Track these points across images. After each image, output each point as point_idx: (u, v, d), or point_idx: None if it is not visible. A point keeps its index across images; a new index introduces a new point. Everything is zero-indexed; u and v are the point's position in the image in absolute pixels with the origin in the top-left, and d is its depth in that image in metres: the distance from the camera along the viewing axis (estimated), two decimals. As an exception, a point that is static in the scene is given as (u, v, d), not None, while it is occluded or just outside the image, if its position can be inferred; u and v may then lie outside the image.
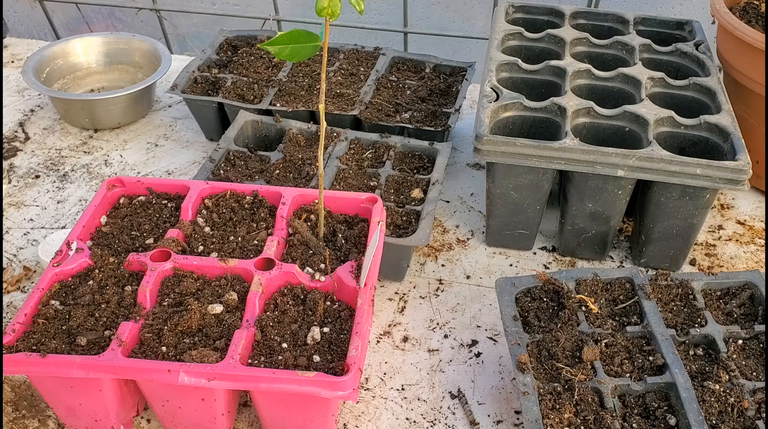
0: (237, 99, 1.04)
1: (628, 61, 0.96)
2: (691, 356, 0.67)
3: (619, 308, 0.71)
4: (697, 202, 0.79)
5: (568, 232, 0.86)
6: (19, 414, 0.70)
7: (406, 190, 0.89)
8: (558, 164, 0.78)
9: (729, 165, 0.75)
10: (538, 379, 0.63)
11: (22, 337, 0.62)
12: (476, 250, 0.91)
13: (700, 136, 0.83)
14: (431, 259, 0.90)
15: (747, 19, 0.95)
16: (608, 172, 0.77)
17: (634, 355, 0.66)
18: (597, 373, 0.63)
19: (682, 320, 0.70)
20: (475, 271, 0.88)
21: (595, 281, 0.72)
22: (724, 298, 0.73)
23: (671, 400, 0.63)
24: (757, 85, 0.90)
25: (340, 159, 0.91)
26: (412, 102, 1.04)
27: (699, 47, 0.98)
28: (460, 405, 0.72)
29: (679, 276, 0.73)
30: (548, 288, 0.72)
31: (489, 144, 0.78)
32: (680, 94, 0.90)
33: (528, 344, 0.66)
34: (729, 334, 0.68)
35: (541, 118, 0.85)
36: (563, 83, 0.89)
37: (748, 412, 0.61)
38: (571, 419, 0.60)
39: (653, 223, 0.82)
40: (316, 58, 1.13)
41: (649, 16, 1.05)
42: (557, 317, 0.68)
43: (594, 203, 0.82)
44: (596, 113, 0.84)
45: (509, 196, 0.83)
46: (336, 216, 0.76)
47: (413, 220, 0.83)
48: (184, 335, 0.63)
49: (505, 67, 0.93)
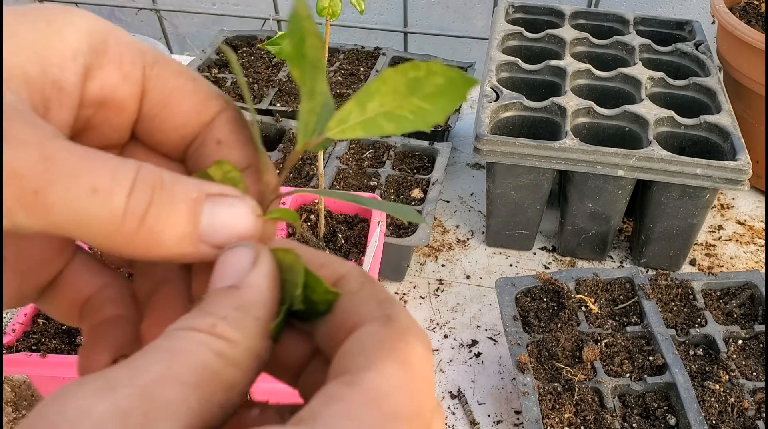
0: (237, 99, 1.04)
1: (628, 61, 0.96)
2: (691, 356, 0.67)
3: (619, 308, 0.71)
4: (697, 202, 0.79)
5: (568, 232, 0.86)
6: (19, 414, 0.70)
7: (406, 190, 0.89)
8: (558, 164, 0.78)
9: (729, 165, 0.75)
10: (538, 379, 0.63)
11: (22, 337, 0.62)
12: (476, 250, 0.91)
13: (700, 136, 0.83)
14: (431, 259, 0.90)
15: (747, 19, 0.95)
16: (608, 172, 0.77)
17: (634, 355, 0.66)
18: (597, 373, 0.63)
19: (682, 320, 0.70)
20: (475, 271, 0.88)
21: (595, 281, 0.72)
22: (724, 298, 0.73)
23: (671, 400, 0.63)
24: (757, 85, 0.90)
25: (340, 159, 0.91)
26: (412, 102, 1.04)
27: (699, 47, 0.98)
28: (460, 405, 0.72)
29: (679, 276, 0.73)
30: (548, 288, 0.72)
31: (489, 144, 0.78)
32: (680, 94, 0.90)
33: (528, 344, 0.66)
34: (729, 334, 0.68)
35: (541, 118, 0.85)
36: (563, 83, 0.89)
37: (748, 412, 0.61)
38: (571, 419, 0.60)
39: (653, 223, 0.82)
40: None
41: (649, 16, 1.05)
42: (557, 317, 0.68)
43: (594, 203, 0.82)
44: (596, 113, 0.84)
45: (509, 196, 0.83)
46: (336, 216, 0.76)
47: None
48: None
49: (505, 67, 0.93)
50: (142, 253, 0.22)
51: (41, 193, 0.20)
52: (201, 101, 0.26)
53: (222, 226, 0.23)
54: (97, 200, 0.20)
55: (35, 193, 0.20)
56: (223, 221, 0.23)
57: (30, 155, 0.20)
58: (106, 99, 0.24)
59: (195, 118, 0.26)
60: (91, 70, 0.24)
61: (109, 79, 0.24)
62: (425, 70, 0.22)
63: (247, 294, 0.22)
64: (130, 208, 0.21)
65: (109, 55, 0.24)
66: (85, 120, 0.25)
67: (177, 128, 0.26)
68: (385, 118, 0.23)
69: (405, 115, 0.23)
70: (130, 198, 0.21)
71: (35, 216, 0.20)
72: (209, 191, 0.23)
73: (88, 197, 0.20)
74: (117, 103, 0.25)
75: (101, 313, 0.27)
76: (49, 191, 0.20)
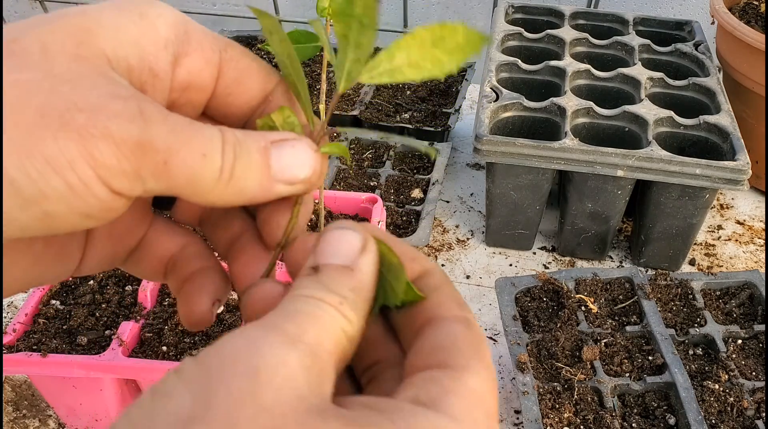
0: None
1: (628, 62, 0.96)
2: (691, 356, 0.67)
3: (618, 308, 0.71)
4: (697, 202, 0.79)
5: (567, 232, 0.86)
6: (19, 414, 0.70)
7: (406, 190, 0.89)
8: (558, 164, 0.78)
9: (728, 165, 0.75)
10: (538, 379, 0.64)
11: (23, 337, 0.63)
12: (476, 250, 0.91)
13: (700, 136, 0.83)
14: (431, 258, 0.90)
15: (746, 20, 0.95)
16: (608, 172, 0.77)
17: (633, 354, 0.66)
18: (596, 373, 0.63)
19: (681, 320, 0.70)
20: (474, 271, 0.88)
21: (595, 281, 0.72)
22: (723, 298, 0.73)
23: (671, 400, 0.63)
24: (757, 85, 0.91)
25: (340, 159, 0.91)
26: (412, 102, 1.04)
27: (698, 47, 0.98)
28: (459, 404, 0.72)
29: (678, 276, 0.73)
30: (548, 288, 0.72)
31: (489, 144, 0.78)
32: (680, 94, 0.91)
33: (527, 344, 0.66)
34: (728, 334, 0.68)
35: (541, 118, 0.85)
36: (563, 83, 0.89)
37: (747, 411, 0.61)
38: (570, 419, 0.60)
39: (653, 223, 0.82)
40: (316, 58, 1.13)
41: (648, 17, 1.05)
42: (557, 317, 0.68)
43: (593, 203, 0.82)
44: (596, 113, 0.84)
45: (509, 196, 0.83)
46: (336, 216, 0.77)
47: (413, 220, 0.83)
48: (184, 335, 0.63)
49: (505, 67, 0.94)
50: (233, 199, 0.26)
51: (168, 163, 0.24)
52: (264, 77, 0.29)
53: (289, 165, 0.27)
54: (206, 162, 0.24)
55: (165, 162, 0.23)
56: (289, 161, 0.27)
57: (161, 130, 0.23)
58: (192, 82, 0.28)
59: (261, 91, 0.29)
60: (179, 57, 0.27)
61: (194, 65, 0.28)
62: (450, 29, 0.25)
63: (360, 277, 0.25)
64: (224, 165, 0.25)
65: (192, 43, 0.27)
66: (171, 102, 0.28)
67: (248, 101, 0.29)
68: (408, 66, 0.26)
69: (425, 65, 0.26)
70: (223, 157, 0.25)
71: (162, 181, 0.24)
72: (273, 138, 0.27)
73: (199, 161, 0.24)
74: (200, 85, 0.28)
75: (189, 266, 0.31)
76: (174, 159, 0.24)
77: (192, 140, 0.24)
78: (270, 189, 0.26)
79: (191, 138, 0.24)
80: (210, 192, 0.25)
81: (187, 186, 0.24)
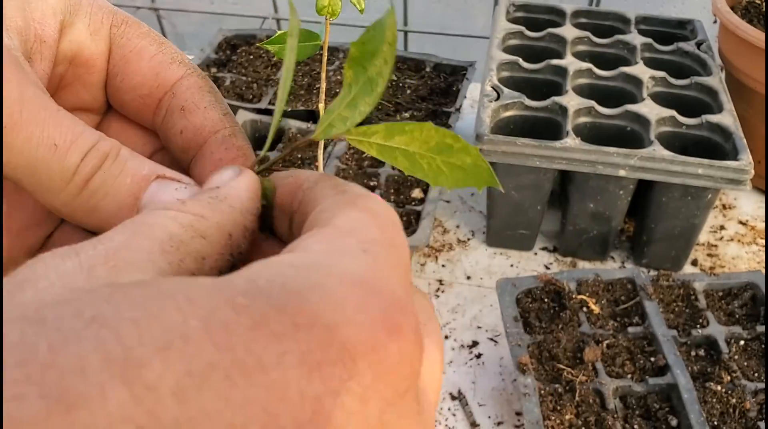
0: (236, 98, 1.03)
1: (630, 60, 0.95)
2: (693, 357, 0.67)
3: (620, 309, 0.70)
4: (699, 202, 0.78)
5: (569, 233, 0.86)
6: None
7: (406, 190, 0.88)
8: (559, 164, 0.78)
9: (731, 165, 0.74)
10: (539, 381, 0.63)
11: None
12: (477, 251, 0.91)
13: (702, 135, 0.82)
14: (431, 259, 0.89)
15: (749, 18, 0.95)
16: (610, 171, 0.77)
17: (635, 356, 0.66)
18: (598, 374, 0.63)
19: (683, 321, 0.69)
20: (475, 272, 0.88)
21: (597, 282, 0.72)
22: (725, 299, 0.72)
23: (673, 401, 0.62)
24: (759, 84, 0.90)
25: (340, 159, 0.91)
26: (413, 101, 1.04)
27: (701, 46, 0.97)
28: (460, 406, 0.71)
29: (680, 276, 0.73)
30: (549, 289, 0.71)
31: (490, 144, 0.77)
32: (682, 93, 0.90)
33: (529, 345, 0.66)
34: (731, 335, 0.68)
35: (542, 117, 0.85)
36: (564, 82, 0.89)
37: (749, 413, 0.60)
38: (572, 420, 0.60)
39: (655, 224, 0.82)
40: (315, 57, 1.13)
41: (650, 15, 1.05)
42: (558, 318, 0.68)
43: (595, 203, 0.81)
44: (597, 113, 0.84)
45: (510, 196, 0.83)
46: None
47: (413, 220, 0.83)
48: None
49: (506, 66, 0.93)
50: (80, 216, 0.23)
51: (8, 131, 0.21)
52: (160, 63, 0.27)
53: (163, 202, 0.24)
54: (55, 154, 0.22)
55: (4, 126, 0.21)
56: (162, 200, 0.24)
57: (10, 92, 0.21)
58: (75, 54, 0.26)
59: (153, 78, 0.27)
60: (65, 26, 0.26)
61: (78, 35, 0.26)
62: (461, 145, 0.24)
63: (224, 190, 0.23)
64: (79, 170, 0.22)
65: (80, 13, 0.26)
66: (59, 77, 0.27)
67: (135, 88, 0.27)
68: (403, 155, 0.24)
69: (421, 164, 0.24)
70: (83, 161, 0.22)
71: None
72: (163, 173, 0.24)
73: (47, 149, 0.22)
74: (85, 59, 0.27)
75: None
76: (16, 131, 0.21)
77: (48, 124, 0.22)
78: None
79: (48, 121, 0.22)
80: (55, 195, 0.22)
81: (29, 175, 0.22)
